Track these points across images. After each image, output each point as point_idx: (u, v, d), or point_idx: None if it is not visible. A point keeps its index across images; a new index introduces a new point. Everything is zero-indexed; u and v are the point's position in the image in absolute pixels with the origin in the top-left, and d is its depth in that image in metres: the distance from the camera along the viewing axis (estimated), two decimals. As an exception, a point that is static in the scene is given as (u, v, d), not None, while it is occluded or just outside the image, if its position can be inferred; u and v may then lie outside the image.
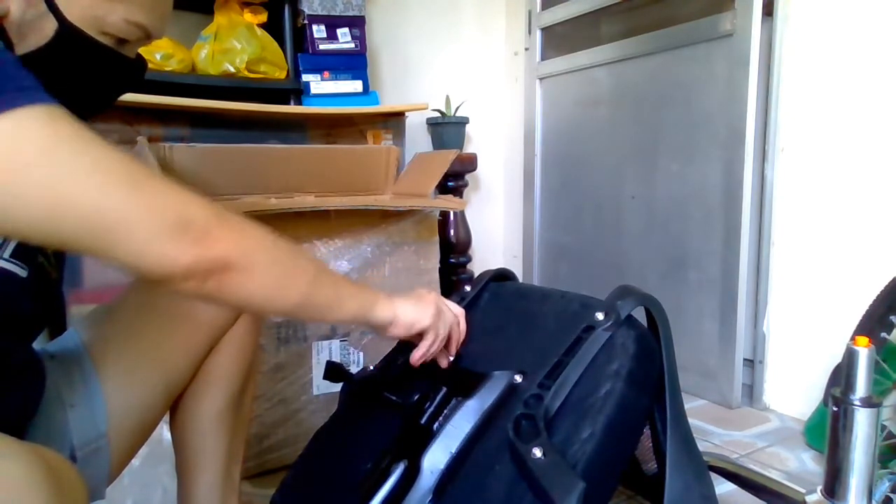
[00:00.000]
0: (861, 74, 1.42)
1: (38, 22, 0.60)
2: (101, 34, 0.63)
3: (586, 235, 2.16)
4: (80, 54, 0.63)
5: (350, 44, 1.91)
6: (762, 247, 1.64)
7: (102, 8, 0.62)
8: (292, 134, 1.80)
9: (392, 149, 1.65)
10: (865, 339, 0.79)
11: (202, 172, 1.40)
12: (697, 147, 1.75)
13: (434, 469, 0.74)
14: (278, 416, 1.32)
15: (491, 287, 0.99)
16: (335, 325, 1.38)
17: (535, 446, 0.66)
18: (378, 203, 1.41)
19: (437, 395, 0.79)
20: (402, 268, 1.46)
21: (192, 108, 1.56)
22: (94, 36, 0.62)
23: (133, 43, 0.66)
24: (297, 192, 1.52)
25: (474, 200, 2.47)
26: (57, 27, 0.60)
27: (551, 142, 2.31)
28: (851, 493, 0.80)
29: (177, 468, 0.89)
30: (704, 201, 1.74)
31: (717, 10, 1.66)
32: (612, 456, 0.70)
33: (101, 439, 0.76)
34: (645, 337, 0.77)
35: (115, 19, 0.62)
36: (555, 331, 0.81)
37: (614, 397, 0.70)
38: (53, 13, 0.60)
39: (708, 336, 1.73)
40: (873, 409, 0.78)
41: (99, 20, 0.62)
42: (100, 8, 0.62)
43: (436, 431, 0.77)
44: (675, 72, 1.81)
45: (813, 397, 1.49)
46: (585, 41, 2.14)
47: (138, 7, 0.64)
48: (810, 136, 1.53)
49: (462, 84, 2.36)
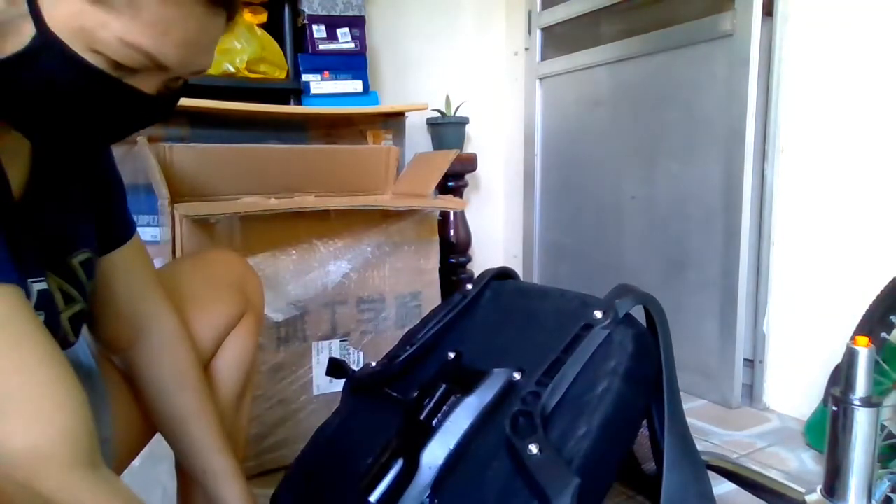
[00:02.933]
0: (861, 74, 1.42)
1: (17, 23, 0.50)
2: (91, 52, 0.51)
3: (586, 235, 2.16)
4: (60, 71, 0.51)
5: (350, 44, 1.91)
6: (762, 247, 1.64)
7: (93, 19, 0.50)
8: (292, 134, 1.81)
9: (392, 149, 1.65)
10: (865, 339, 0.79)
11: (202, 172, 1.41)
12: (697, 147, 1.75)
13: (433, 465, 0.74)
14: (278, 416, 1.32)
15: (492, 285, 1.00)
16: (335, 325, 1.38)
17: (531, 443, 0.67)
18: (378, 203, 1.41)
19: (436, 392, 0.79)
20: (402, 268, 1.46)
21: (192, 108, 1.57)
22: (80, 52, 0.51)
23: (143, 73, 0.54)
24: (297, 192, 1.52)
25: (474, 200, 2.47)
26: (34, 33, 0.50)
27: (551, 142, 2.31)
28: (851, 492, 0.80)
29: (177, 468, 0.89)
30: (704, 201, 1.74)
31: (717, 10, 1.66)
32: (607, 453, 0.70)
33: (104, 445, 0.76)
34: (643, 335, 0.77)
35: (107, 36, 0.50)
36: (554, 329, 0.82)
37: (611, 395, 0.70)
38: (33, 15, 0.49)
39: (708, 336, 1.73)
40: (873, 408, 0.78)
41: (88, 34, 0.50)
42: (90, 19, 0.50)
43: (435, 427, 0.77)
44: (675, 72, 1.81)
45: (813, 397, 1.48)
46: (585, 41, 2.14)
47: (141, 27, 0.50)
48: (810, 136, 1.53)
49: (462, 84, 2.36)
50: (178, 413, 0.79)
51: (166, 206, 1.26)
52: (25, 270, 0.59)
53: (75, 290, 0.68)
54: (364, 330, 1.42)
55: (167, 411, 0.79)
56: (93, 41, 0.51)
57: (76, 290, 0.68)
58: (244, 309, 0.88)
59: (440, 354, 0.91)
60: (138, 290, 0.78)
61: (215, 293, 0.86)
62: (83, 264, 0.68)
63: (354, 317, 1.41)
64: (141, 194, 1.55)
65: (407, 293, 1.47)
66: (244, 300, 0.88)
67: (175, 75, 0.57)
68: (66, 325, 0.67)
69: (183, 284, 0.85)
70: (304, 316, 1.34)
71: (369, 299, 1.42)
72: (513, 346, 0.86)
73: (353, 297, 1.40)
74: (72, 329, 0.68)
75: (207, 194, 1.40)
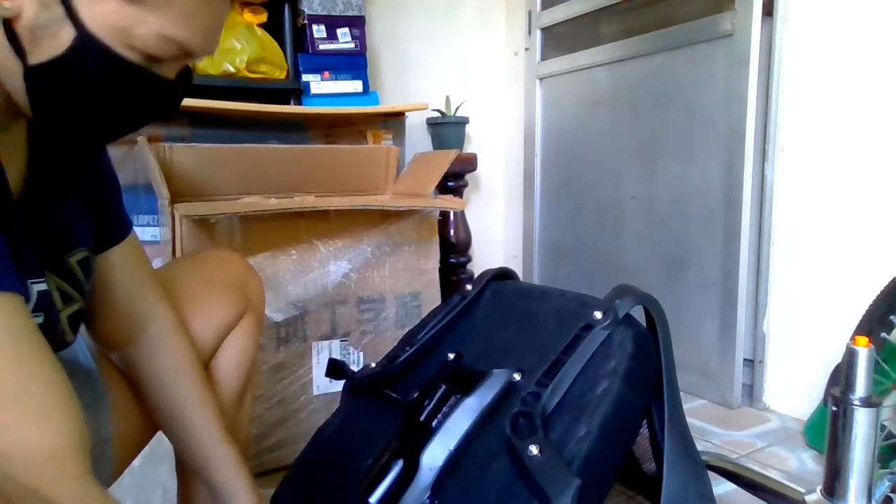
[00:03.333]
0: (861, 74, 1.42)
1: (54, 28, 0.51)
2: (128, 48, 0.53)
3: (586, 235, 2.16)
4: (102, 70, 0.53)
5: (350, 44, 1.91)
6: (762, 247, 1.64)
7: (130, 17, 0.52)
8: (292, 134, 1.80)
9: (392, 149, 1.65)
10: (865, 339, 0.79)
11: (202, 172, 1.41)
12: (697, 147, 1.75)
13: (433, 466, 0.74)
14: (278, 416, 1.32)
15: (492, 286, 1.00)
16: (335, 325, 1.38)
17: (531, 444, 0.66)
18: (378, 203, 1.41)
19: (436, 393, 0.79)
20: (402, 268, 1.46)
21: (192, 108, 1.57)
22: (118, 50, 0.53)
23: (168, 61, 0.57)
24: (297, 192, 1.52)
25: (474, 200, 2.47)
26: (74, 35, 0.51)
27: (551, 142, 2.31)
28: (851, 492, 0.80)
29: (177, 468, 0.89)
30: (704, 201, 1.74)
31: (717, 10, 1.66)
32: (607, 454, 0.70)
33: (104, 445, 0.76)
34: (643, 336, 0.77)
35: (144, 32, 0.53)
36: (554, 329, 0.82)
37: (611, 396, 0.70)
38: (71, 19, 0.51)
39: (708, 336, 1.73)
40: (873, 408, 0.78)
41: (125, 32, 0.52)
42: (127, 17, 0.52)
43: (435, 428, 0.77)
44: (675, 72, 1.81)
45: (813, 397, 1.49)
46: (585, 41, 2.14)
47: (173, 19, 0.53)
48: (810, 136, 1.53)
49: (462, 84, 2.36)
50: (177, 403, 0.78)
51: (166, 206, 1.26)
52: (25, 271, 0.59)
53: (73, 290, 0.68)
54: (364, 330, 1.42)
55: (166, 403, 0.78)
56: (129, 38, 0.53)
57: (74, 289, 0.68)
58: (244, 308, 0.88)
59: (440, 355, 0.91)
60: (136, 287, 0.78)
61: (214, 293, 0.86)
62: (80, 263, 0.68)
63: (354, 317, 1.41)
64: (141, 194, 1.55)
65: (407, 293, 1.47)
66: (244, 300, 0.88)
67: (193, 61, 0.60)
68: (64, 324, 0.67)
69: (182, 284, 0.85)
70: (304, 316, 1.34)
71: (369, 299, 1.42)
72: (512, 346, 0.86)
73: (353, 297, 1.40)
74: (70, 328, 0.69)
75: (207, 194, 1.40)
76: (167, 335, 0.79)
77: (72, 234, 0.68)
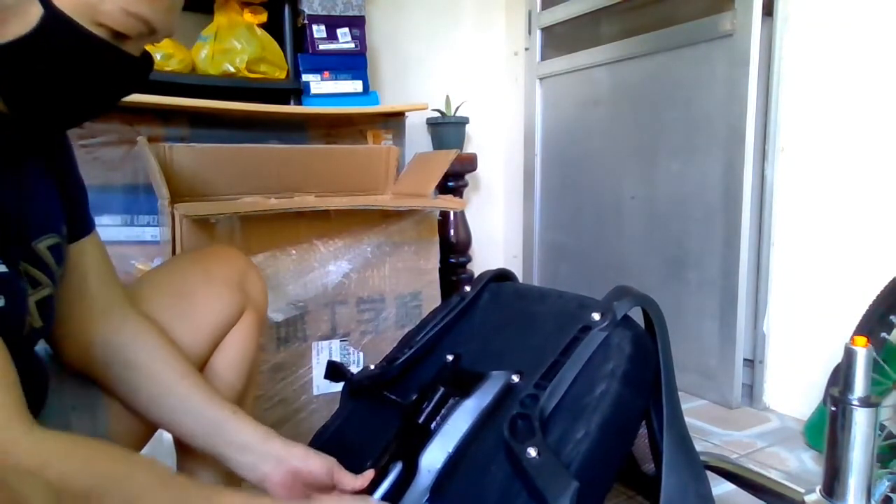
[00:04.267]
0: (861, 74, 1.42)
1: (22, 6, 0.53)
2: (96, 25, 0.55)
3: (586, 235, 2.16)
4: (71, 47, 0.55)
5: (350, 44, 1.91)
6: (762, 247, 1.64)
7: None
8: (292, 134, 1.80)
9: (392, 149, 1.65)
10: (863, 339, 0.79)
11: (202, 172, 1.41)
12: (697, 147, 1.75)
13: (431, 468, 0.74)
14: (278, 416, 1.32)
15: (491, 287, 1.00)
16: (335, 325, 1.38)
17: (529, 446, 0.67)
18: (378, 203, 1.41)
19: (435, 395, 0.79)
20: (402, 268, 1.46)
21: (192, 108, 1.57)
22: (86, 26, 0.55)
23: (135, 39, 0.59)
24: (297, 192, 1.52)
25: (474, 200, 2.47)
26: (42, 13, 0.53)
27: (551, 142, 2.31)
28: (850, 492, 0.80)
29: (177, 468, 0.89)
30: (704, 201, 1.73)
31: (717, 10, 1.66)
32: (606, 456, 0.70)
33: None
34: (641, 337, 0.77)
35: (110, 8, 0.55)
36: (552, 331, 0.82)
37: (609, 397, 0.70)
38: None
39: (708, 336, 1.73)
40: (872, 408, 0.78)
41: (92, 8, 0.55)
42: None
43: (434, 431, 0.77)
44: (674, 72, 1.81)
45: (813, 397, 1.48)
46: (585, 41, 2.14)
47: None
48: (810, 136, 1.52)
49: (462, 84, 2.36)
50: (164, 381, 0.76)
51: (166, 206, 1.26)
52: None
53: (43, 275, 0.66)
54: (364, 330, 1.42)
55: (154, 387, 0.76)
56: (96, 14, 0.55)
57: (44, 274, 0.67)
58: (243, 306, 0.87)
59: (438, 357, 0.91)
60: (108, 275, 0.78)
61: (212, 289, 0.85)
62: (51, 249, 0.67)
63: (354, 317, 1.41)
64: (141, 194, 1.55)
65: (407, 293, 1.47)
66: (243, 297, 0.88)
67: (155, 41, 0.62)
68: (32, 309, 0.65)
69: (179, 280, 0.84)
70: (304, 316, 1.34)
71: (369, 299, 1.43)
72: (511, 348, 0.86)
73: (353, 297, 1.40)
74: (39, 314, 0.67)
75: (207, 194, 1.40)
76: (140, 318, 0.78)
77: (39, 220, 0.67)
